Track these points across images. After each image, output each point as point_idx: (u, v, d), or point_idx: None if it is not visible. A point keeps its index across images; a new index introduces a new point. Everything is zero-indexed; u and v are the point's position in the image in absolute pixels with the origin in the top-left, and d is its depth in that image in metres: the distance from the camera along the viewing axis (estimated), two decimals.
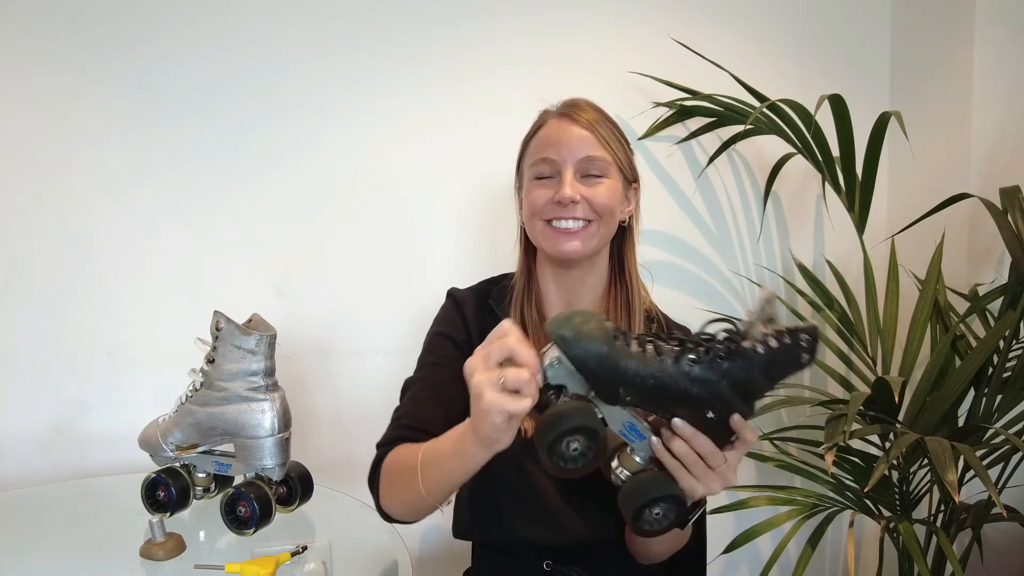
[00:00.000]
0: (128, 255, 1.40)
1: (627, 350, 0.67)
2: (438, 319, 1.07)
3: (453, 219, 1.54)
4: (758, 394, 0.70)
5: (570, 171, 0.95)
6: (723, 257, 1.72)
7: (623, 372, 0.67)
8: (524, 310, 1.01)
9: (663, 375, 0.67)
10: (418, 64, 1.49)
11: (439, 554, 1.59)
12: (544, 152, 0.97)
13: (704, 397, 0.68)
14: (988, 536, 1.49)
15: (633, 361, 0.67)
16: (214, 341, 1.01)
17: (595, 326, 0.67)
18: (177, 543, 0.97)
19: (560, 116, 0.99)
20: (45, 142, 1.35)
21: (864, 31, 1.75)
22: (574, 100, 1.01)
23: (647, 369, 0.67)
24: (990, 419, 1.32)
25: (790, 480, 1.65)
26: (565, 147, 0.95)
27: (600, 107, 1.01)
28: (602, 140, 0.96)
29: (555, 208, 0.95)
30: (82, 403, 1.40)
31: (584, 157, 0.95)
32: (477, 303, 1.04)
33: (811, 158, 1.46)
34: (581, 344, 0.66)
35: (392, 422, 0.98)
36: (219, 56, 1.41)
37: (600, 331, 0.67)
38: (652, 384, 0.67)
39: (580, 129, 0.96)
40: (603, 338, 0.66)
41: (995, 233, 1.33)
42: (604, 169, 0.96)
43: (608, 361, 0.66)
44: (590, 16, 1.57)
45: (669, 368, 0.67)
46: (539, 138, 1.00)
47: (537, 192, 0.97)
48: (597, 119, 0.98)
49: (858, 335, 1.47)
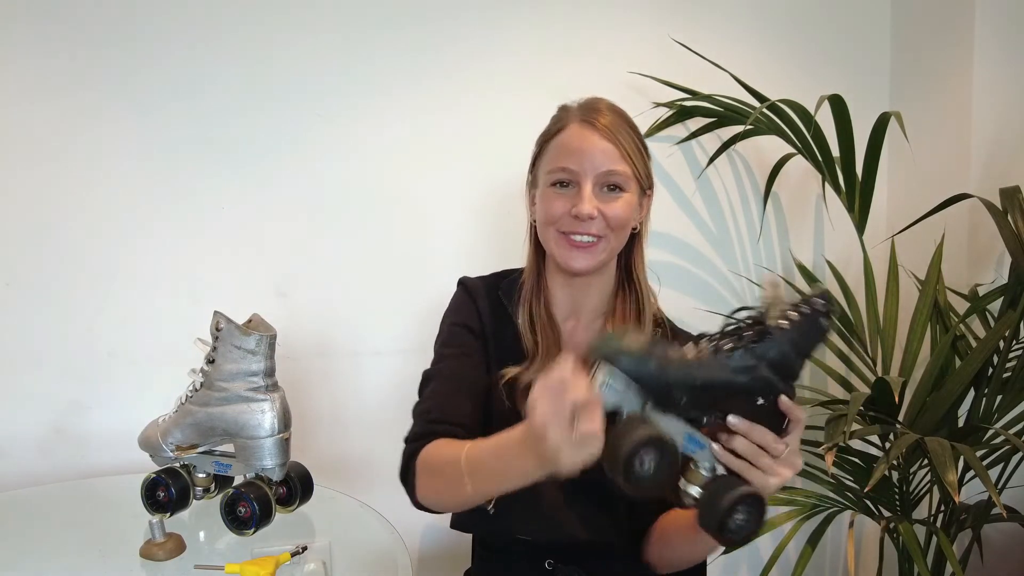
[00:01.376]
0: (128, 255, 1.40)
1: (668, 355, 0.68)
2: (452, 309, 1.05)
3: (455, 219, 1.54)
4: (795, 372, 0.72)
5: (589, 184, 0.93)
6: (723, 257, 1.72)
7: (673, 375, 0.68)
8: (533, 308, 1.00)
9: (709, 371, 0.69)
10: (418, 64, 1.49)
11: (439, 554, 1.59)
12: (564, 161, 0.94)
13: (750, 385, 0.70)
14: (988, 536, 1.49)
15: (677, 363, 0.68)
16: (214, 341, 1.01)
17: (635, 338, 0.69)
18: (177, 543, 0.97)
19: (582, 122, 0.95)
20: (45, 142, 1.35)
21: (864, 31, 1.75)
22: (595, 103, 0.97)
23: (692, 369, 0.68)
24: (990, 419, 1.32)
25: (790, 480, 1.64)
26: (587, 159, 0.93)
27: (620, 110, 0.98)
28: (624, 153, 0.93)
29: (572, 221, 0.94)
30: (82, 403, 1.40)
31: (605, 171, 0.93)
32: (488, 295, 1.04)
33: (811, 158, 1.46)
34: (630, 355, 0.67)
35: (419, 416, 0.95)
36: (220, 56, 1.41)
37: (642, 341, 0.68)
38: (701, 383, 0.68)
39: (603, 140, 0.93)
40: (647, 346, 0.68)
41: (995, 233, 1.33)
42: (623, 183, 0.94)
43: (658, 366, 0.67)
44: (590, 16, 1.57)
45: (711, 363, 0.68)
46: (559, 143, 0.96)
47: (554, 202, 0.95)
48: (619, 127, 0.94)
49: (858, 335, 1.47)
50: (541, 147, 1.00)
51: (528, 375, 0.95)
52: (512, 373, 0.96)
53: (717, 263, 1.72)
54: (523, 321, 1.00)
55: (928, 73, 1.66)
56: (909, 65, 1.72)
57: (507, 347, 1.00)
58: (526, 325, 0.99)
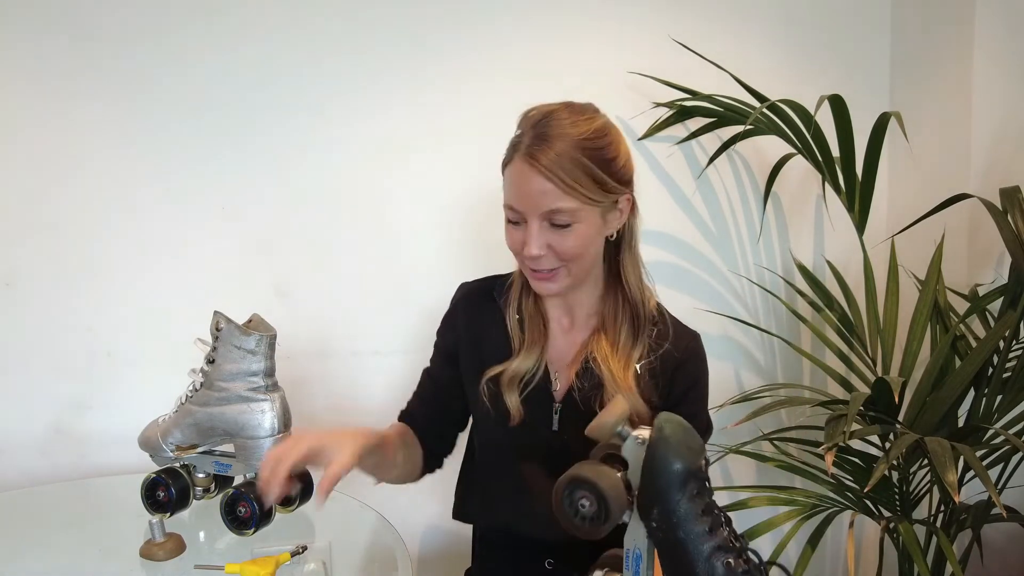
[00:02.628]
0: (128, 255, 1.40)
1: (686, 496, 0.65)
2: (443, 319, 1.10)
3: (455, 219, 1.54)
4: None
5: (535, 224, 0.89)
6: (723, 257, 1.72)
7: (669, 502, 0.65)
8: (522, 304, 1.01)
9: (690, 545, 0.65)
10: (419, 64, 1.49)
11: (439, 554, 1.59)
12: (510, 199, 0.91)
13: None
14: (988, 536, 1.49)
15: (682, 507, 0.65)
16: (214, 341, 1.01)
17: (690, 451, 0.66)
18: (177, 543, 0.97)
19: (524, 157, 0.88)
20: (45, 143, 1.35)
21: (864, 31, 1.75)
22: (546, 128, 0.88)
23: (685, 526, 0.65)
24: (990, 419, 1.32)
25: (790, 480, 1.65)
26: (529, 199, 0.88)
27: (571, 132, 0.88)
28: (566, 187, 0.86)
29: (525, 257, 0.92)
30: (82, 403, 1.40)
31: (547, 211, 0.88)
32: (480, 295, 1.06)
33: (811, 158, 1.46)
34: (670, 450, 0.65)
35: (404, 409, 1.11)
36: (221, 58, 1.40)
37: (690, 458, 0.66)
38: (674, 539, 0.66)
39: (542, 180, 0.86)
40: (687, 465, 0.65)
41: (995, 233, 1.33)
42: (571, 217, 0.88)
43: (671, 484, 0.65)
44: (590, 16, 1.57)
45: (702, 547, 0.65)
46: (508, 176, 0.91)
47: (511, 235, 0.94)
48: (559, 160, 0.86)
49: (858, 335, 1.47)
50: (502, 167, 0.94)
51: (510, 369, 0.97)
52: (495, 371, 0.98)
53: (717, 263, 1.72)
54: (512, 317, 1.01)
55: (928, 73, 1.66)
56: (909, 65, 1.72)
57: (497, 345, 1.01)
58: (514, 321, 1.00)
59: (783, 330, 1.76)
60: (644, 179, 1.62)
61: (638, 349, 0.98)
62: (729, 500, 1.43)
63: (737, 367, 1.76)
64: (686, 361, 1.00)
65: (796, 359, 1.78)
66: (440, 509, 1.55)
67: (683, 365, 1.00)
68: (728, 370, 1.75)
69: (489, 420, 0.99)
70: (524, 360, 0.97)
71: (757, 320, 1.75)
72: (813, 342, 1.74)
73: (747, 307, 1.75)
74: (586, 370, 0.97)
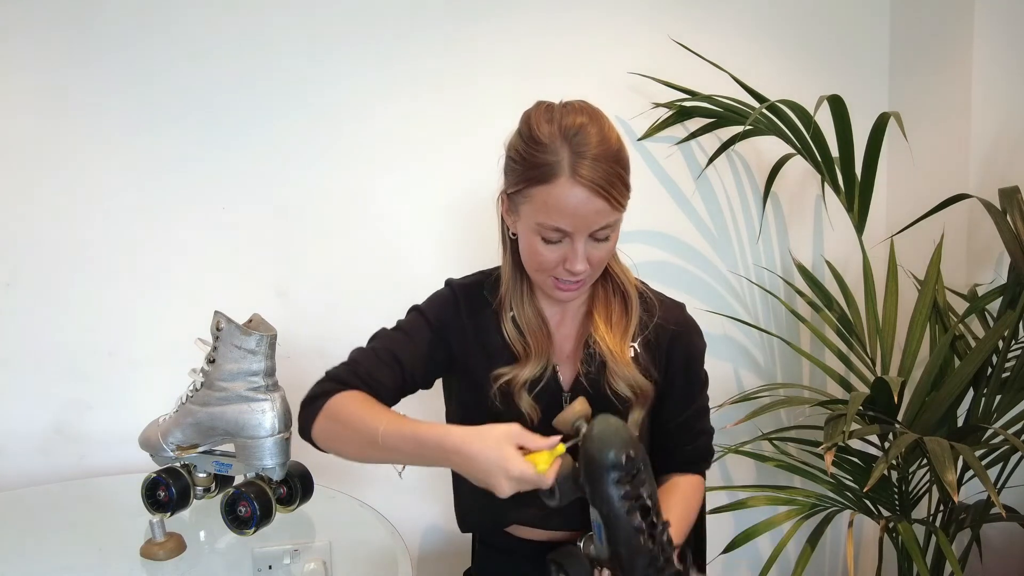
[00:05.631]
0: (128, 255, 1.40)
1: (611, 482, 0.74)
2: (429, 300, 1.06)
3: (455, 220, 1.54)
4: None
5: (582, 242, 0.89)
6: (723, 257, 1.72)
7: (599, 487, 0.74)
8: (520, 311, 1.00)
9: (620, 522, 0.74)
10: (418, 65, 1.49)
11: (439, 554, 1.59)
12: (557, 221, 0.87)
13: None
14: (987, 536, 1.49)
15: (609, 492, 0.74)
16: (214, 341, 1.01)
17: (615, 445, 0.74)
18: (177, 543, 0.97)
19: (573, 178, 0.85)
20: (45, 142, 1.35)
21: (864, 31, 1.76)
22: (581, 148, 0.86)
23: (611, 506, 0.74)
24: (989, 419, 1.32)
25: (790, 480, 1.65)
26: (581, 220, 0.87)
27: (607, 146, 0.87)
28: (616, 203, 0.87)
29: (564, 272, 0.92)
30: (82, 403, 1.40)
31: (599, 228, 0.89)
32: (476, 296, 1.05)
33: (810, 159, 1.46)
34: (594, 444, 0.75)
35: (349, 363, 0.99)
36: (220, 58, 1.41)
37: (615, 450, 0.74)
38: (606, 515, 0.75)
39: (597, 200, 0.86)
40: (614, 457, 0.74)
41: (994, 233, 1.34)
42: (613, 228, 0.91)
43: (599, 473, 0.74)
44: (590, 16, 1.57)
45: (629, 526, 0.74)
46: (549, 198, 0.87)
47: (545, 255, 0.91)
48: (608, 177, 0.86)
49: (857, 335, 1.48)
50: (526, 183, 0.89)
51: (520, 376, 0.97)
52: (506, 375, 0.97)
53: (717, 263, 1.72)
54: (509, 324, 0.99)
55: (928, 73, 1.66)
56: (909, 65, 1.72)
57: (493, 344, 1.00)
58: (512, 328, 0.99)
59: (782, 330, 1.76)
60: (644, 179, 1.63)
61: (632, 323, 1.00)
62: (728, 500, 1.43)
63: (736, 367, 1.76)
64: (681, 334, 1.02)
65: (795, 359, 1.78)
66: (440, 509, 1.55)
67: (679, 337, 1.02)
68: (727, 370, 1.75)
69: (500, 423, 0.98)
70: (534, 367, 0.97)
71: (756, 320, 1.75)
72: (812, 342, 1.74)
73: (746, 307, 1.75)
74: (588, 354, 0.98)
